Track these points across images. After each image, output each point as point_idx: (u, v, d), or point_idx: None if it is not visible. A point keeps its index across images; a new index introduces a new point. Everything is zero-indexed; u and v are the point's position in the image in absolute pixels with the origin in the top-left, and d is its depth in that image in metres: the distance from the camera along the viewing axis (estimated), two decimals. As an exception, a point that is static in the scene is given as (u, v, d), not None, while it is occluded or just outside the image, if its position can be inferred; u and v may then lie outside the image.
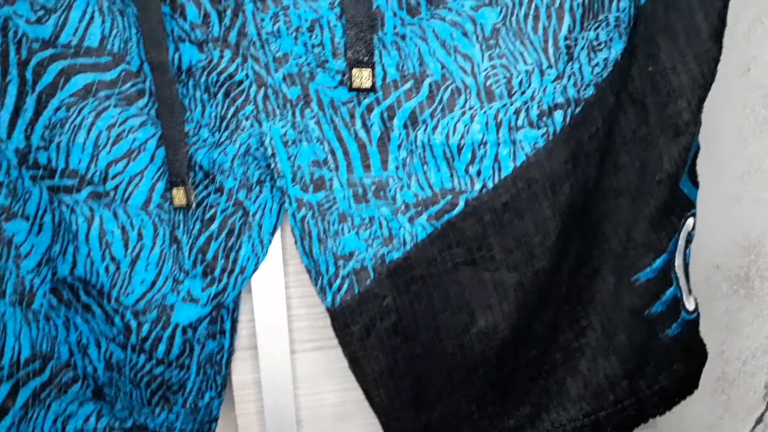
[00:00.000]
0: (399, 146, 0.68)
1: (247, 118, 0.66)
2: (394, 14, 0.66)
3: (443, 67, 0.67)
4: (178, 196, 0.66)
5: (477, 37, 0.66)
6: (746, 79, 0.90)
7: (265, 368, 0.76)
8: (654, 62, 0.68)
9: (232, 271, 0.70)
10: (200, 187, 0.68)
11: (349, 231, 0.69)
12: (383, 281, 0.69)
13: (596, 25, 0.65)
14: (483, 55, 0.66)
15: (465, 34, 0.67)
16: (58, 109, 0.66)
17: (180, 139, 0.65)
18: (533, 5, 0.64)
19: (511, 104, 0.66)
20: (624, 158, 0.71)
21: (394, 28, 0.66)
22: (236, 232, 0.69)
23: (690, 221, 0.72)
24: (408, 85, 0.67)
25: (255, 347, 0.76)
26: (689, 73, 0.66)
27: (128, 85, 0.67)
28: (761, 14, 0.86)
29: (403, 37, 0.67)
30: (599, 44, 0.66)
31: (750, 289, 0.99)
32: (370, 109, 0.67)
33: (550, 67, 0.65)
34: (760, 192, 0.94)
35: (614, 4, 0.65)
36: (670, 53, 0.67)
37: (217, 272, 0.69)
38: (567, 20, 0.64)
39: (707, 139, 0.95)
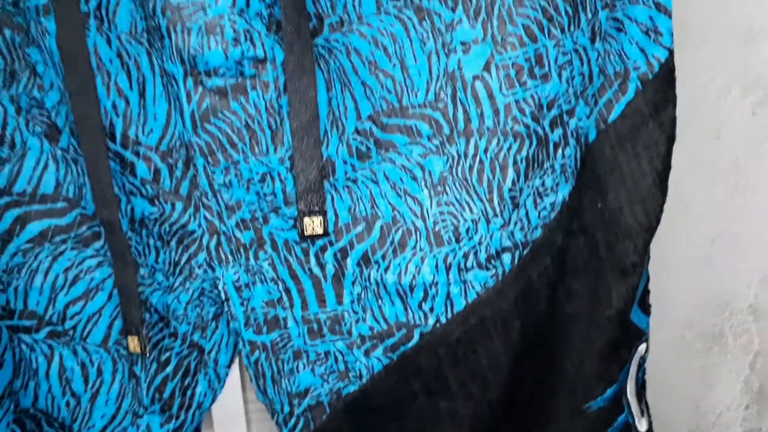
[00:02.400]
0: (353, 282, 0.69)
1: (199, 266, 0.67)
2: (345, 162, 0.67)
3: (394, 209, 0.68)
4: (133, 343, 0.68)
5: (425, 183, 0.67)
6: (716, 146, 0.93)
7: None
8: (603, 200, 0.70)
9: (189, 407, 0.72)
10: (155, 329, 0.70)
11: (305, 368, 0.70)
12: (339, 415, 0.71)
13: (542, 173, 0.66)
14: (431, 201, 0.67)
15: (414, 178, 0.68)
16: (14, 255, 0.67)
17: (132, 289, 0.67)
18: (477, 158, 0.65)
19: (460, 249, 0.67)
20: (576, 286, 0.73)
21: (345, 174, 0.67)
22: (192, 371, 0.71)
23: (642, 347, 0.74)
24: (360, 228, 0.68)
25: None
26: (635, 216, 0.68)
27: (84, 228, 0.68)
28: (730, 84, 0.89)
29: (355, 181, 0.68)
30: (545, 190, 0.67)
31: (724, 345, 1.02)
32: (323, 249, 0.69)
33: (495, 216, 0.66)
34: (731, 254, 0.98)
35: (559, 151, 0.66)
36: (617, 194, 0.69)
37: (174, 409, 0.71)
38: (511, 174, 0.65)
39: (678, 202, 0.98)
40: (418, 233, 0.68)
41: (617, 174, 0.69)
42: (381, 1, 0.66)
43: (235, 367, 0.75)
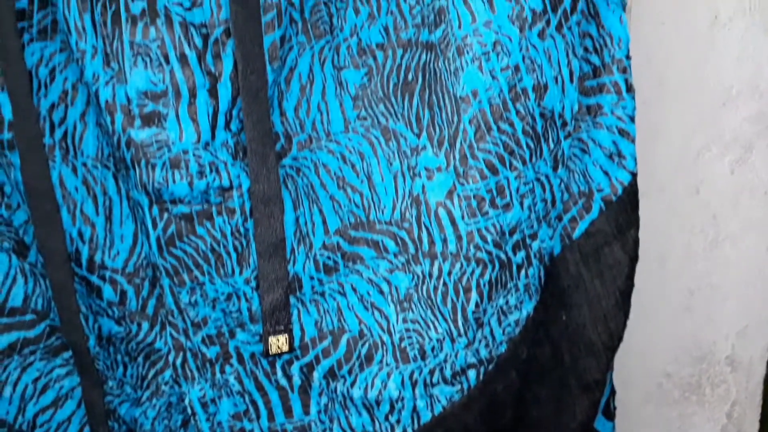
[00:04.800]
0: (320, 393, 0.70)
1: (166, 383, 0.68)
2: (312, 278, 0.68)
3: (361, 322, 0.69)
4: (99, 458, 0.68)
5: (392, 297, 0.68)
6: (695, 201, 0.96)
7: None
8: (567, 314, 0.70)
9: None
10: None
11: (272, 478, 0.71)
12: None
13: (505, 293, 0.67)
14: (398, 316, 0.68)
15: (381, 292, 0.68)
16: (-18, 367, 0.68)
17: (99, 406, 0.67)
18: (442, 280, 0.66)
19: (425, 366, 0.68)
20: (541, 392, 0.73)
21: (312, 288, 0.68)
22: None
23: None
24: (326, 342, 0.69)
25: None
26: (599, 334, 0.68)
27: (53, 338, 0.69)
28: (710, 141, 0.93)
29: (322, 294, 0.69)
30: (509, 308, 0.68)
31: (701, 395, 1.05)
32: (289, 362, 0.69)
33: (460, 335, 0.67)
34: (709, 305, 1.00)
35: (522, 272, 0.67)
36: (580, 311, 0.70)
37: None
38: (474, 297, 0.66)
39: (658, 254, 1.00)
40: (384, 348, 0.69)
41: (581, 291, 0.70)
42: (349, 119, 0.67)
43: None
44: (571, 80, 0.63)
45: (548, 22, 0.61)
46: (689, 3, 0.90)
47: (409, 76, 0.65)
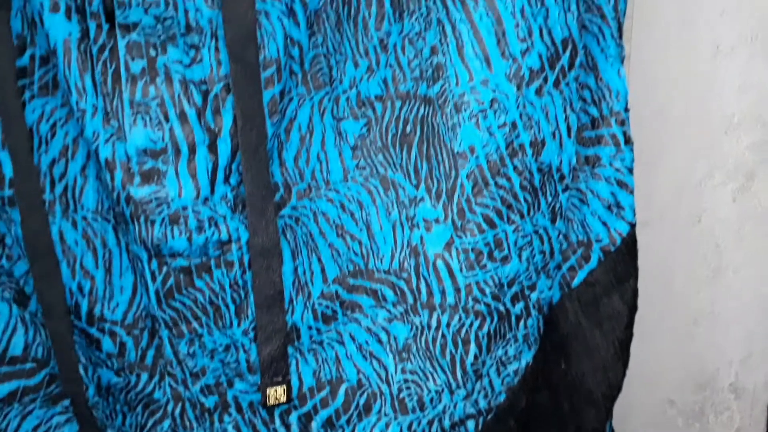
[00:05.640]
0: (319, 442, 0.70)
1: None
2: (310, 327, 0.68)
3: (359, 371, 0.69)
4: None
5: (390, 347, 0.68)
6: (698, 229, 0.96)
7: None
8: (567, 362, 0.70)
9: None
10: None
11: None
12: None
13: (504, 343, 0.67)
14: (396, 367, 0.68)
15: (380, 341, 0.68)
16: (-17, 416, 0.68)
17: None
18: (440, 332, 0.66)
19: (424, 417, 0.68)
20: (541, 441, 0.73)
21: (311, 338, 0.68)
22: None
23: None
24: (324, 392, 0.69)
25: None
26: (597, 384, 0.68)
27: (53, 386, 0.69)
28: (713, 169, 0.93)
29: (321, 343, 0.69)
30: (508, 359, 0.68)
31: (705, 423, 1.05)
32: (288, 412, 0.69)
33: (459, 387, 0.67)
34: (712, 333, 1.01)
35: (521, 323, 0.67)
36: (579, 360, 0.69)
37: None
38: (473, 349, 0.66)
39: (661, 283, 0.99)
40: (383, 398, 0.69)
41: (581, 340, 0.70)
42: (348, 169, 0.67)
43: None
44: (569, 135, 0.64)
45: (546, 79, 0.61)
46: (692, 32, 0.91)
47: (408, 128, 0.66)
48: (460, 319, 0.65)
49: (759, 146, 0.94)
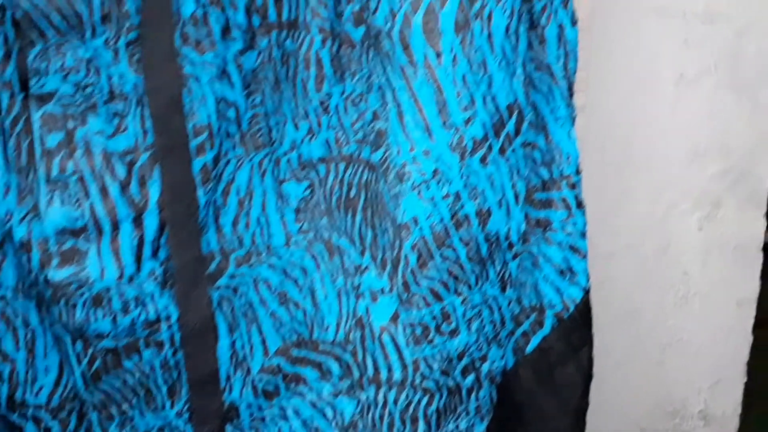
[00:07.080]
0: None
1: None
2: (249, 405, 0.64)
3: None
4: None
5: (336, 423, 0.65)
6: (665, 258, 0.97)
7: None
8: (523, 430, 0.67)
9: None
10: None
11: None
12: None
13: (455, 417, 0.64)
14: None
15: (325, 417, 0.65)
16: None
17: None
18: (387, 409, 0.63)
19: None
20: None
21: (251, 416, 0.64)
22: None
23: None
24: None
25: None
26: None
27: None
28: (678, 198, 0.94)
29: (263, 419, 0.65)
30: (460, 432, 0.65)
31: None
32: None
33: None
34: (681, 360, 1.01)
35: (473, 395, 0.64)
36: (535, 427, 0.67)
37: None
38: (422, 427, 0.63)
39: (629, 312, 0.99)
40: None
41: (536, 409, 0.67)
42: (291, 233, 0.64)
43: None
44: (516, 202, 0.61)
45: (490, 148, 0.58)
46: (655, 61, 0.91)
47: (352, 192, 0.63)
48: (407, 396, 0.62)
49: (724, 175, 0.95)
